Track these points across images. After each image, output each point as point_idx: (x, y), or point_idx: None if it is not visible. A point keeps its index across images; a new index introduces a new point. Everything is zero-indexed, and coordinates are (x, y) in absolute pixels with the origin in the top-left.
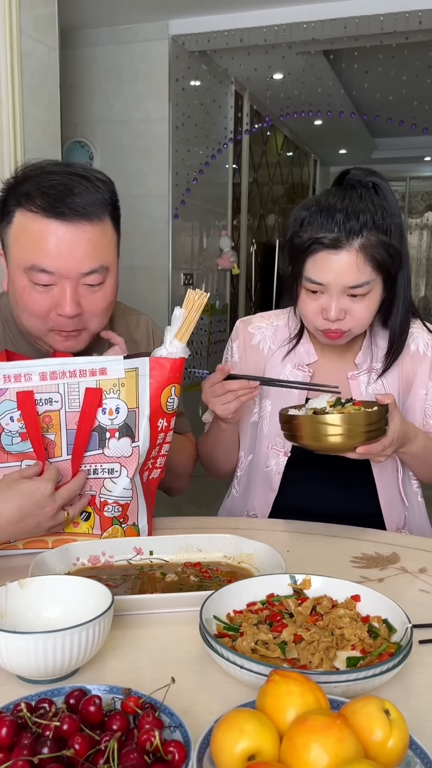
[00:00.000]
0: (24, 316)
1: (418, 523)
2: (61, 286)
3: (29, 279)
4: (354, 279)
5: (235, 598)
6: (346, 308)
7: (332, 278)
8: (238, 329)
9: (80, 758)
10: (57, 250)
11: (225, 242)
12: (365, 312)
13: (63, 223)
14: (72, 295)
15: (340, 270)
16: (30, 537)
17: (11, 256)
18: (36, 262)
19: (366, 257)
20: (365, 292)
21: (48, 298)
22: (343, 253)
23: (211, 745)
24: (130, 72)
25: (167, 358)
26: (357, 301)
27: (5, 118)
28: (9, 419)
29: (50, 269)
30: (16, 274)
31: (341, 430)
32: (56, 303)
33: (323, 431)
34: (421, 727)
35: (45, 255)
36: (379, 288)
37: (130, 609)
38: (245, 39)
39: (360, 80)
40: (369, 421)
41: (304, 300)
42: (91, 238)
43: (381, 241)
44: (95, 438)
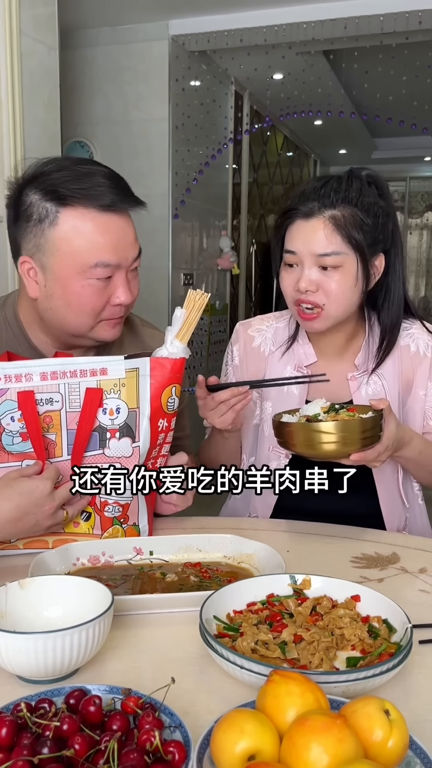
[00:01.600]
0: (75, 316)
1: (419, 524)
2: (118, 277)
3: (87, 277)
4: (322, 247)
5: (235, 598)
6: (317, 281)
7: (302, 245)
8: (238, 332)
9: (80, 758)
10: (116, 242)
11: (225, 242)
12: (337, 287)
13: (115, 215)
14: (126, 283)
15: (310, 237)
16: (29, 536)
17: (62, 257)
18: (100, 258)
19: (336, 227)
20: (335, 264)
21: (105, 292)
22: (313, 221)
23: (211, 745)
24: (130, 72)
25: (168, 359)
26: (329, 274)
27: (5, 118)
28: (10, 419)
29: (113, 262)
30: (70, 275)
31: (335, 437)
32: (110, 295)
33: (317, 439)
34: (421, 727)
35: (108, 250)
36: (352, 265)
37: (130, 609)
38: (245, 39)
39: (360, 80)
40: (363, 428)
41: (283, 276)
42: (130, 222)
43: (354, 216)
44: (96, 438)
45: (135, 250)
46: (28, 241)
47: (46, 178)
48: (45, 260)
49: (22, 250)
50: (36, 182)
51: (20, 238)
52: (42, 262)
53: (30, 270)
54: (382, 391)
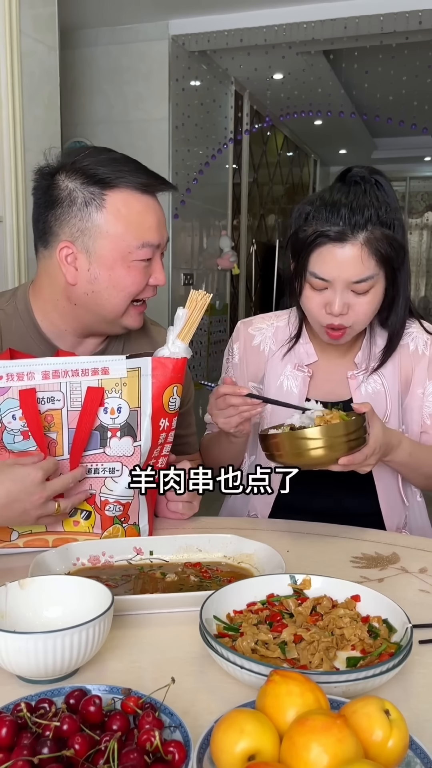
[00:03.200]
0: (116, 299)
1: (419, 523)
2: (155, 259)
3: (134, 260)
4: (358, 273)
5: (235, 598)
6: (349, 303)
7: (337, 273)
8: (239, 331)
9: (80, 758)
10: (158, 222)
11: (225, 242)
12: (368, 307)
13: (152, 197)
14: (162, 266)
15: (344, 264)
16: (18, 525)
17: (111, 239)
18: (146, 238)
19: (370, 251)
20: (368, 287)
21: (146, 274)
22: (348, 247)
23: (211, 745)
24: (130, 72)
25: (169, 358)
26: (360, 296)
27: (5, 118)
28: (11, 417)
29: (156, 241)
30: (117, 256)
31: (321, 443)
32: (149, 276)
33: (303, 446)
34: (421, 727)
35: (153, 230)
36: (381, 283)
37: (130, 609)
38: (245, 39)
39: (360, 80)
40: (347, 431)
41: (308, 295)
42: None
43: (385, 235)
44: (96, 437)
45: (167, 233)
46: (71, 226)
47: (82, 165)
48: (90, 244)
49: (60, 236)
50: (71, 168)
51: (57, 225)
52: (87, 246)
53: (68, 256)
54: (382, 390)
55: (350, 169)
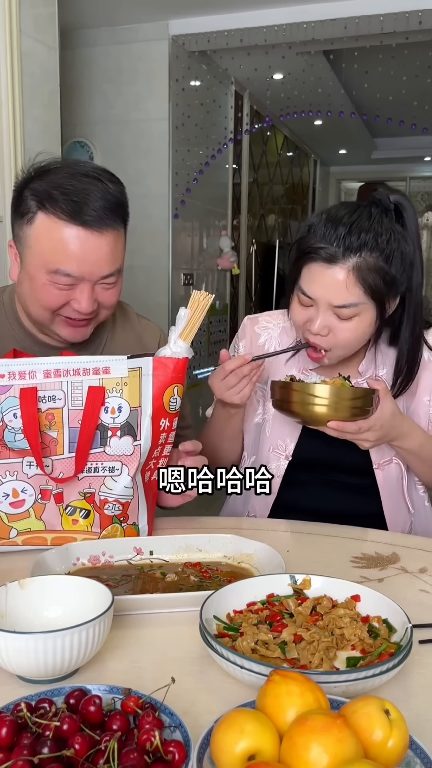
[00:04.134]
0: (35, 307)
1: (424, 529)
2: (81, 287)
3: (50, 280)
4: (341, 299)
5: (235, 598)
6: (330, 326)
7: (321, 293)
8: (245, 328)
9: (80, 758)
10: (82, 255)
11: (225, 242)
12: (349, 334)
13: (87, 231)
14: (90, 295)
15: (329, 286)
16: None
17: (32, 254)
18: (61, 266)
19: (357, 279)
20: (351, 315)
21: (66, 296)
22: (336, 269)
23: (211, 745)
24: (130, 72)
25: (170, 358)
26: (343, 321)
27: (5, 118)
28: (12, 416)
29: (75, 273)
30: (36, 271)
31: (326, 401)
32: (73, 299)
33: (310, 400)
34: (421, 727)
35: (70, 261)
36: (369, 314)
37: (130, 609)
38: (245, 39)
39: (360, 80)
40: (353, 396)
41: (294, 308)
42: (110, 243)
43: (378, 266)
44: (97, 436)
45: (108, 267)
46: (16, 229)
47: (46, 177)
48: (22, 251)
49: (13, 236)
50: (38, 177)
51: (13, 225)
52: (20, 251)
53: (16, 256)
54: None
55: (376, 188)
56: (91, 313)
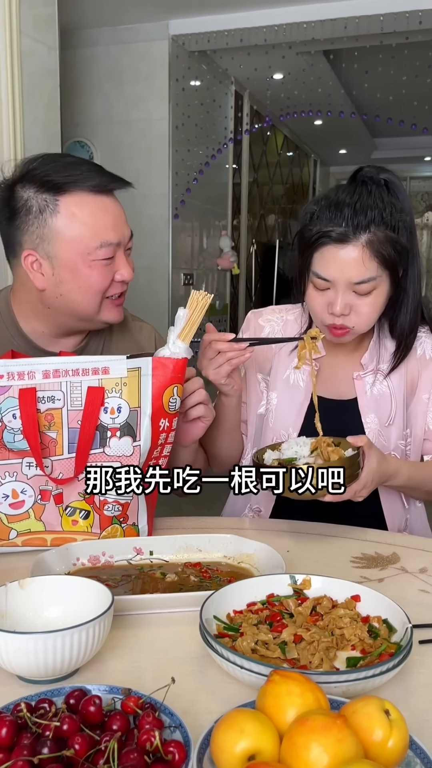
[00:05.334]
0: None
1: (419, 526)
2: (118, 256)
3: (93, 258)
4: (359, 274)
5: (235, 598)
6: (351, 304)
7: (338, 274)
8: (249, 321)
9: (80, 758)
10: (114, 221)
11: (225, 242)
12: (370, 309)
13: (106, 197)
14: (126, 261)
15: (346, 265)
16: None
17: (68, 242)
18: (104, 238)
19: (372, 253)
20: (370, 289)
21: (109, 272)
22: (350, 248)
23: (211, 745)
24: (131, 72)
25: (170, 359)
26: (362, 297)
27: (5, 118)
28: (12, 416)
29: (115, 240)
30: (77, 257)
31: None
32: (115, 272)
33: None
34: (421, 727)
35: (108, 229)
36: (385, 285)
37: (130, 609)
38: (245, 39)
39: (360, 80)
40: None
41: (311, 295)
42: (120, 205)
43: (388, 237)
44: (96, 437)
45: (129, 229)
46: (30, 234)
47: (36, 173)
48: (50, 249)
49: (24, 245)
50: (26, 178)
51: (20, 234)
52: (47, 251)
53: (34, 263)
54: (387, 392)
55: (361, 168)
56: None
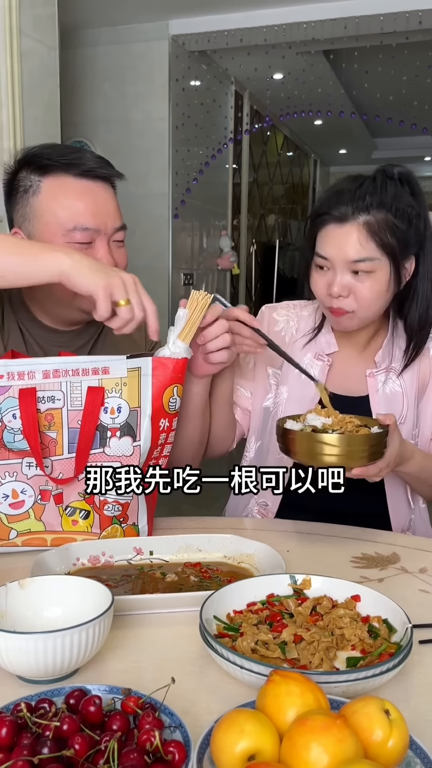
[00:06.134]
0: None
1: (422, 527)
2: (98, 244)
3: (67, 241)
4: (356, 253)
5: (235, 598)
6: (349, 286)
7: (336, 252)
8: (264, 314)
9: (80, 758)
10: (94, 207)
11: (225, 242)
12: (369, 293)
13: (93, 182)
14: (108, 250)
15: (344, 243)
16: (92, 274)
17: (44, 222)
18: (78, 221)
19: (369, 233)
20: (368, 269)
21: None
22: (348, 227)
23: (211, 745)
24: (131, 72)
25: (170, 359)
26: (361, 279)
27: (5, 118)
28: (11, 416)
29: (92, 226)
30: (51, 238)
31: (339, 450)
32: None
33: (319, 450)
34: (421, 727)
35: (85, 214)
36: (385, 271)
37: (130, 609)
38: (245, 39)
39: (360, 80)
40: (369, 444)
41: (314, 277)
42: (113, 196)
43: (388, 221)
44: (96, 437)
45: (116, 220)
46: (17, 213)
47: (31, 154)
48: (30, 228)
49: (14, 223)
50: (24, 160)
51: (12, 213)
52: (28, 230)
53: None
54: (400, 391)
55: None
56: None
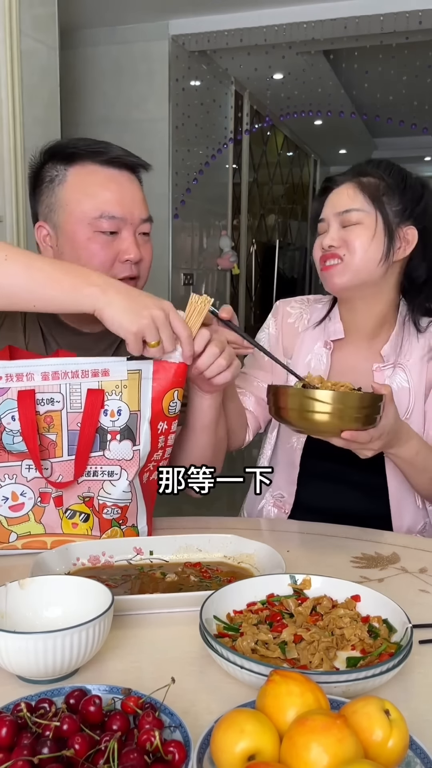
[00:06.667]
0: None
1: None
2: (124, 233)
3: (93, 230)
4: (344, 204)
5: (235, 598)
6: (340, 237)
7: (329, 210)
8: (278, 308)
9: (80, 758)
10: (120, 196)
11: (225, 242)
12: (359, 241)
13: (120, 172)
14: (133, 241)
15: (335, 199)
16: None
17: (70, 211)
18: (105, 209)
19: (359, 187)
20: (356, 220)
21: (112, 248)
22: (342, 187)
23: (211, 745)
24: (131, 72)
25: (172, 363)
26: (350, 230)
27: (5, 118)
28: (10, 418)
29: (118, 215)
30: (77, 226)
31: (330, 408)
32: (119, 251)
33: (311, 407)
34: (421, 727)
35: (112, 202)
36: (372, 222)
37: (130, 609)
38: (245, 39)
39: (360, 80)
40: (360, 404)
41: (315, 245)
42: (140, 188)
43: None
44: (96, 440)
45: (143, 211)
46: (42, 205)
47: (60, 146)
48: (56, 218)
49: (38, 216)
50: (50, 151)
51: (37, 206)
52: (53, 221)
53: (46, 237)
54: (407, 386)
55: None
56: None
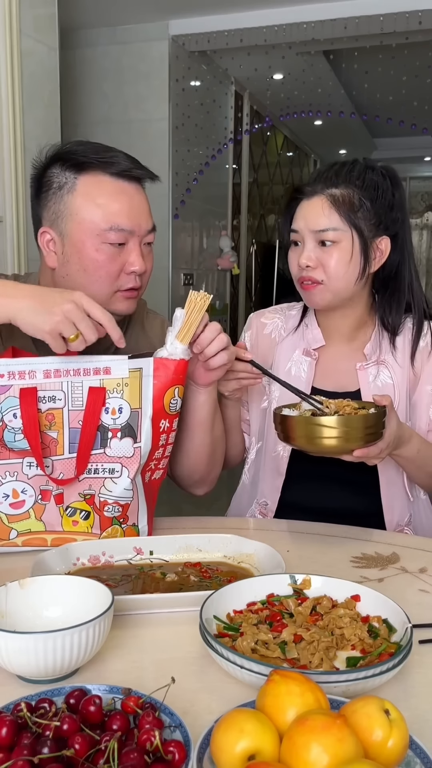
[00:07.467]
0: (92, 280)
1: (423, 520)
2: (130, 246)
3: (102, 241)
4: (319, 223)
5: (235, 598)
6: (317, 257)
7: (303, 224)
8: (251, 321)
9: (80, 758)
10: (129, 208)
11: (225, 242)
12: (336, 263)
13: (129, 184)
14: (139, 252)
15: (309, 214)
16: (41, 318)
17: (79, 221)
18: (114, 221)
19: (334, 205)
20: (333, 239)
21: (119, 259)
22: (315, 200)
23: (211, 745)
24: (131, 72)
25: (171, 360)
26: (327, 250)
27: (5, 118)
28: (12, 416)
29: (127, 227)
30: (85, 237)
31: (337, 432)
32: (126, 262)
33: (318, 433)
34: (421, 727)
35: (122, 215)
36: (349, 242)
37: (130, 609)
38: (245, 39)
39: (360, 80)
40: (366, 425)
41: (289, 255)
42: (146, 199)
43: (353, 195)
44: (97, 437)
45: (149, 222)
46: (47, 210)
47: (65, 151)
48: (63, 226)
49: (42, 222)
50: (56, 157)
51: (41, 210)
52: (60, 228)
53: (49, 242)
54: (391, 383)
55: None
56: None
